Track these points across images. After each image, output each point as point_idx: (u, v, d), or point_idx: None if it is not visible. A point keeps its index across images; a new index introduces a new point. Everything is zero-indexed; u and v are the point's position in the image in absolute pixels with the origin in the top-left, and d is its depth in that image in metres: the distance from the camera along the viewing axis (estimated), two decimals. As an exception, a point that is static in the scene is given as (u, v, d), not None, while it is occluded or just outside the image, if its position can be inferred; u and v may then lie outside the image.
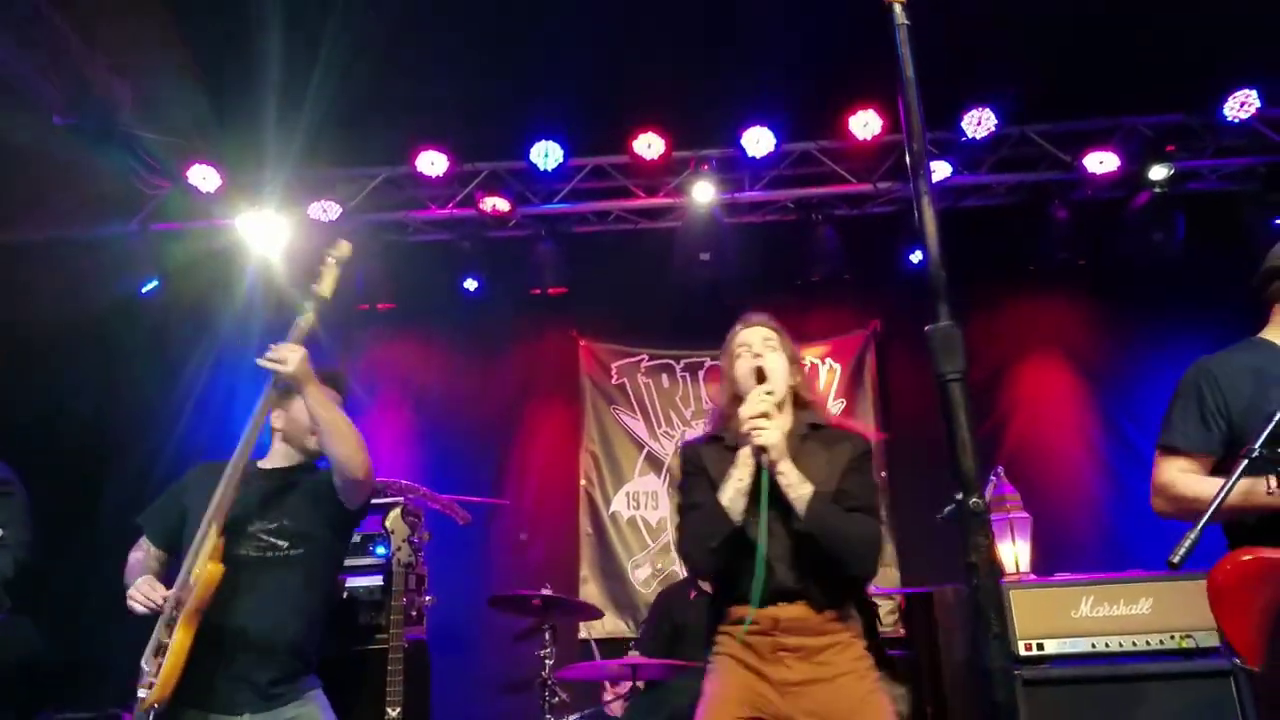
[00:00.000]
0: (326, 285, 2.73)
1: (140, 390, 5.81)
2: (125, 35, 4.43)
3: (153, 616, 2.56)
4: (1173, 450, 2.45)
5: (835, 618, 2.30)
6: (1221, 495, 2.09)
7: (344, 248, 2.77)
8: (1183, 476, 2.41)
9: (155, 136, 5.38)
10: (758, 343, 2.51)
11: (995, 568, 1.33)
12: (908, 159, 1.43)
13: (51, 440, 5.23)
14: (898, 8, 1.45)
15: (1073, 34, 4.67)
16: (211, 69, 4.70)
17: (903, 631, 5.41)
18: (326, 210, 5.66)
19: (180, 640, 2.46)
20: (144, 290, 5.80)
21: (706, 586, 3.34)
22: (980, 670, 1.29)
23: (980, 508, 1.30)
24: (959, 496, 1.30)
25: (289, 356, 2.60)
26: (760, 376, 2.39)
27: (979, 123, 5.27)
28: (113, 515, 4.31)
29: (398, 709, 3.10)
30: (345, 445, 2.65)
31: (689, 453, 2.52)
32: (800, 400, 2.52)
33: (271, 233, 5.60)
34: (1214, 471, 2.39)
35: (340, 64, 4.52)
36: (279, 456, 2.91)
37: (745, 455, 2.30)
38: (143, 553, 2.84)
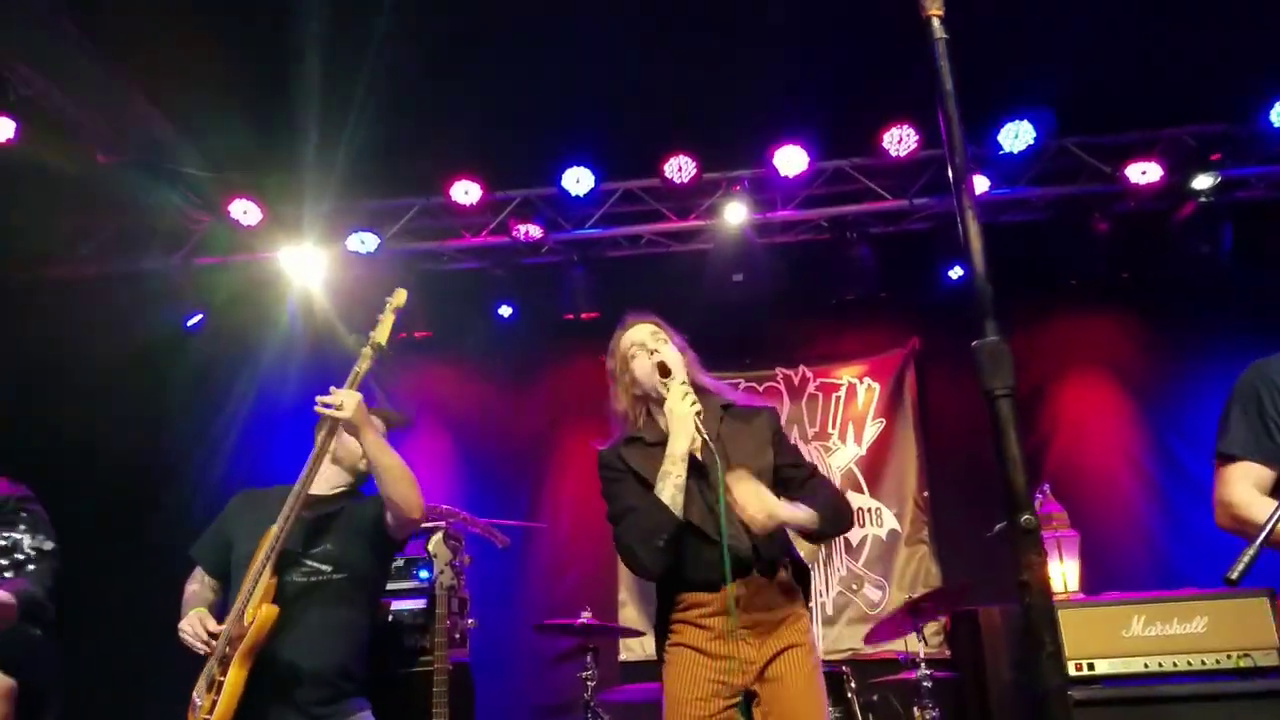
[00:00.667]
0: (383, 332, 2.74)
1: (185, 421, 5.91)
2: (167, 72, 4.53)
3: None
4: (1232, 458, 2.34)
5: (786, 589, 2.39)
6: (1275, 517, 2.01)
7: (401, 295, 2.79)
8: (1252, 500, 2.27)
9: (197, 172, 5.49)
10: (648, 339, 2.53)
11: (1048, 586, 1.30)
12: (950, 173, 1.40)
13: (98, 470, 5.34)
14: (935, 21, 1.43)
15: (1111, 43, 4.58)
16: (250, 104, 4.80)
17: (948, 652, 5.31)
18: (364, 242, 5.73)
19: (234, 679, 2.51)
20: (189, 323, 5.92)
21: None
22: (1031, 690, 1.26)
23: (1032, 525, 1.27)
24: (1010, 514, 1.28)
25: (345, 402, 2.61)
26: (663, 370, 2.43)
27: (1016, 136, 5.19)
28: (158, 544, 4.37)
29: (443, 732, 3.09)
30: (402, 487, 2.69)
31: (609, 458, 2.50)
32: (698, 386, 2.53)
33: (312, 265, 5.70)
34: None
35: (376, 97, 4.60)
36: (326, 480, 2.93)
37: (678, 452, 2.32)
38: (199, 585, 2.91)
